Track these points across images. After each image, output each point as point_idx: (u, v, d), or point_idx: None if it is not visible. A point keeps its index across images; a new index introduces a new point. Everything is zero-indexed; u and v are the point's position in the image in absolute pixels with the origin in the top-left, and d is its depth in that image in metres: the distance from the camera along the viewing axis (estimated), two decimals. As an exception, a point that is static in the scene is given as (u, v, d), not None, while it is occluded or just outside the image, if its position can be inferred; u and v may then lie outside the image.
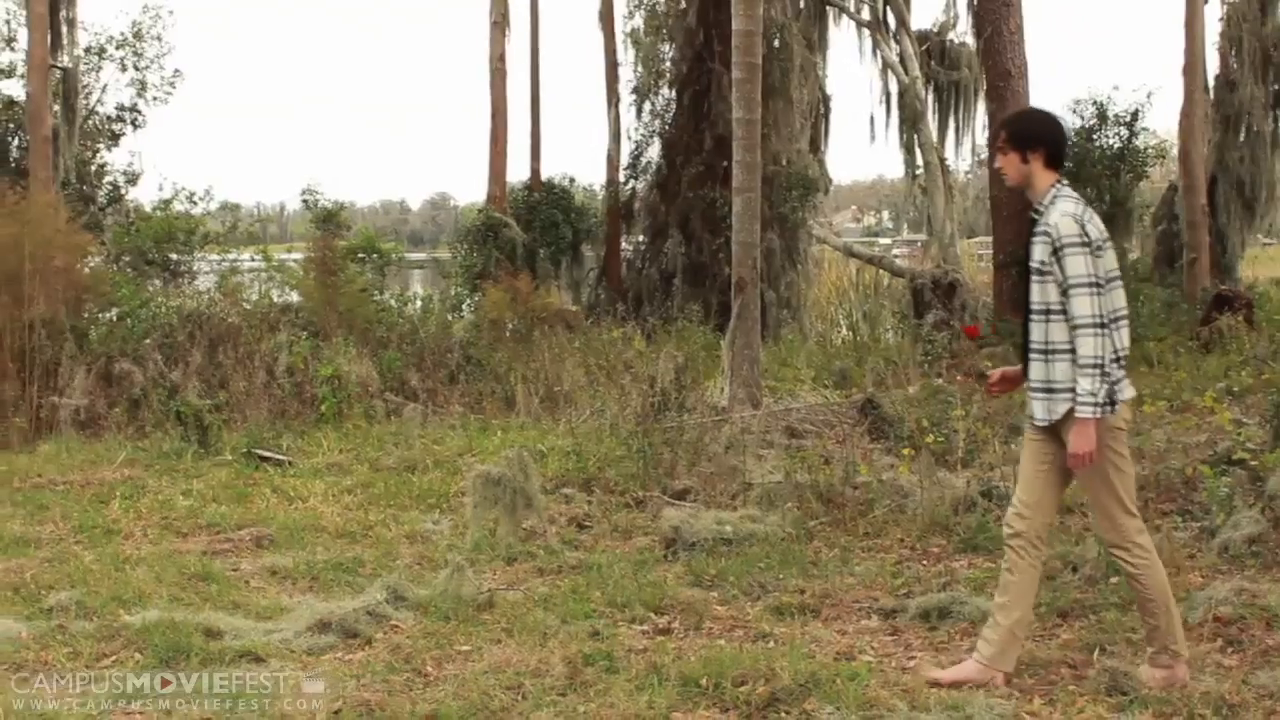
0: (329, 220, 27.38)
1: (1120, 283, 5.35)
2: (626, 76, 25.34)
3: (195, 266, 25.30)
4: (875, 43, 26.80)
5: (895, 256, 33.06)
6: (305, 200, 28.34)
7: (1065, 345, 5.25)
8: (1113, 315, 5.23)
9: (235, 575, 7.54)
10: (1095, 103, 17.05)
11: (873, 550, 7.89)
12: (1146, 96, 18.60)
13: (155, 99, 28.38)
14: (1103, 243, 5.26)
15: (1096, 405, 5.10)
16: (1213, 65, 23.07)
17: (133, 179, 28.18)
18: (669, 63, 24.48)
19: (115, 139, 28.14)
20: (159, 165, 56.05)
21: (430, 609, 6.63)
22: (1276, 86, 23.94)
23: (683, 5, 24.09)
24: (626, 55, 25.55)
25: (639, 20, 25.67)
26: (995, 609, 5.47)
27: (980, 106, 26.24)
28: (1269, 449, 8.40)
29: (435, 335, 15.92)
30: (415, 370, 14.77)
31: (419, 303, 19.07)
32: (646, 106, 24.86)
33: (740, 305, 12.42)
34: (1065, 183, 5.47)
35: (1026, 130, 5.51)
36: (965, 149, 27.81)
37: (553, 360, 15.16)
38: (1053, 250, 5.23)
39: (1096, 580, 6.68)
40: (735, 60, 12.83)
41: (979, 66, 23.46)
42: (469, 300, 21.36)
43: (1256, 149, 23.74)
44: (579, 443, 10.92)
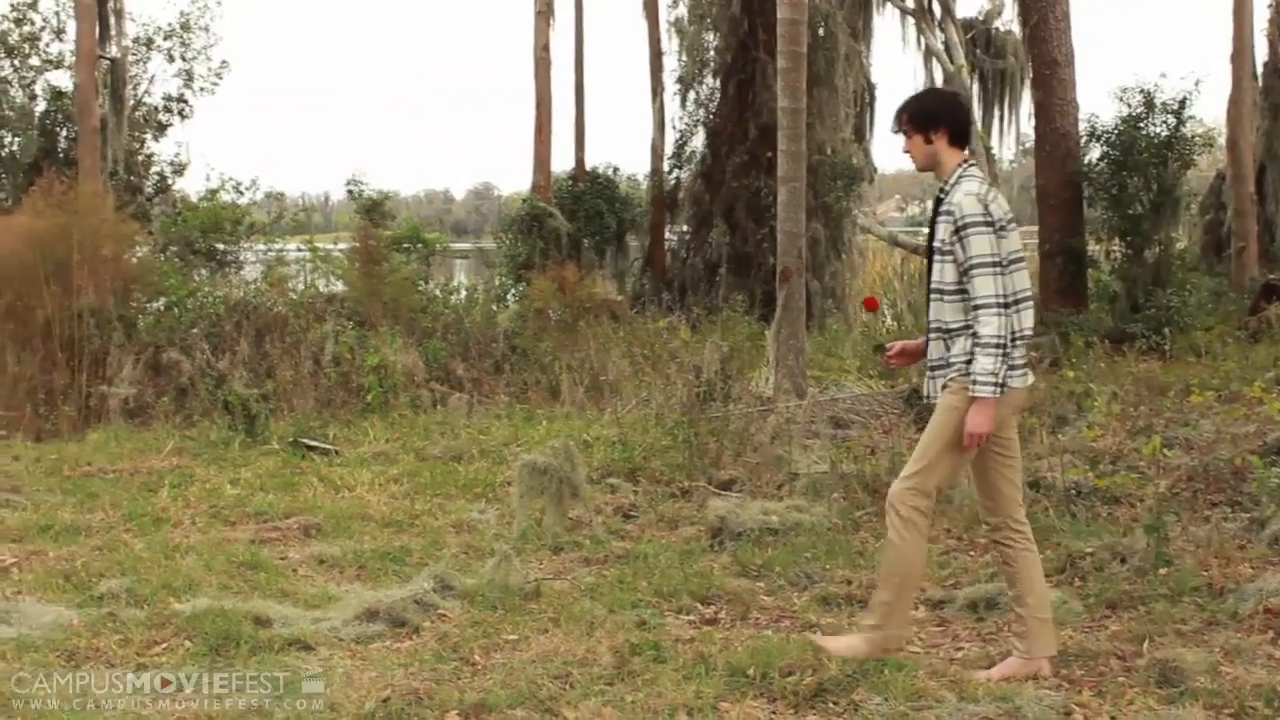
0: (374, 210, 27.43)
1: (1024, 264, 5.31)
2: (671, 66, 25.29)
3: (241, 256, 25.45)
4: (920, 31, 26.66)
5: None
6: (350, 190, 28.41)
7: (961, 325, 5.22)
8: (1015, 296, 5.20)
9: (283, 564, 7.58)
10: (1142, 90, 16.82)
11: (919, 541, 7.85)
12: (1194, 84, 18.32)
13: (202, 89, 28.59)
14: (1006, 223, 5.22)
15: (994, 385, 5.09)
16: (1261, 52, 22.82)
17: (179, 169, 28.38)
18: (713, 52, 24.38)
19: (162, 129, 28.31)
20: (205, 155, 56.02)
21: (477, 598, 6.65)
22: (1327, 74, 23.67)
23: (727, -7, 24.02)
24: (671, 44, 25.49)
25: (683, 9, 25.57)
26: (1012, 603, 5.49)
27: (1026, 95, 26.06)
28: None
29: (480, 325, 15.95)
30: (460, 360, 14.80)
31: (463, 292, 19.12)
32: (691, 96, 24.78)
33: (785, 295, 12.41)
34: (973, 162, 5.42)
35: (927, 111, 5.48)
36: (1010, 138, 27.64)
37: (598, 350, 15.16)
38: (955, 230, 5.19)
39: (1145, 571, 6.62)
40: (780, 49, 12.79)
41: (1025, 54, 23.32)
42: (514, 290, 21.37)
43: (1306, 136, 23.47)
44: (624, 432, 10.93)
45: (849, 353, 16.33)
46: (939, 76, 26.38)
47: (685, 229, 24.93)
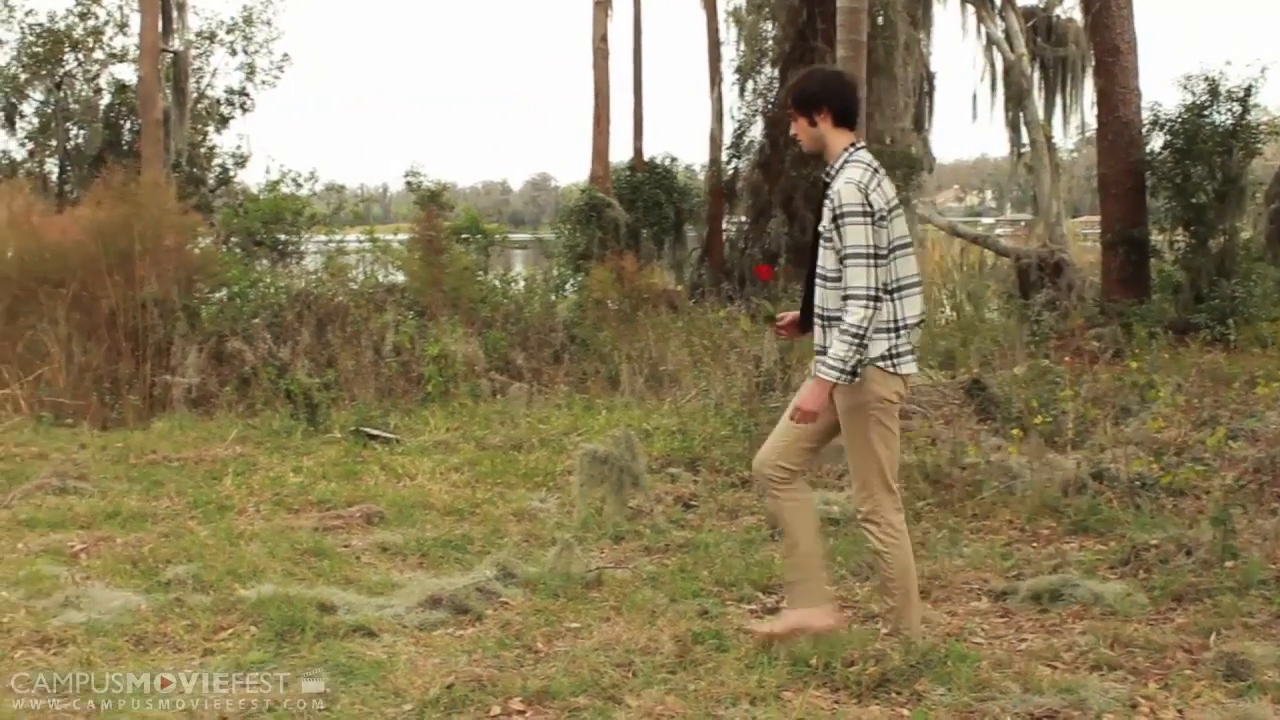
0: (432, 201, 27.53)
1: (912, 250, 5.28)
2: (729, 56, 25.16)
3: (302, 247, 25.61)
4: (980, 19, 26.42)
5: (999, 236, 32.61)
6: (409, 181, 28.53)
7: (839, 313, 5.18)
8: (900, 283, 5.17)
9: (346, 551, 7.64)
10: (1207, 78, 16.64)
11: (981, 532, 7.82)
12: (1260, 72, 18.02)
13: (264, 83, 28.81)
14: (888, 211, 5.15)
15: (841, 372, 5.10)
16: (1330, 39, 22.52)
17: (241, 161, 28.64)
18: (771, 41, 24.30)
19: (224, 122, 28.57)
20: (266, 147, 56.48)
21: (539, 586, 6.68)
22: (1395, 60, 23.30)
23: (785, -17, 23.93)
24: (729, 34, 25.36)
25: (741, -1, 25.53)
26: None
27: (1088, 83, 25.76)
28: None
29: (539, 315, 15.99)
30: (520, 349, 14.85)
31: (522, 283, 19.15)
32: (749, 85, 24.69)
33: (845, 284, 12.33)
34: (861, 145, 5.34)
35: (808, 92, 5.38)
36: (1072, 126, 27.36)
37: (657, 340, 15.16)
38: (832, 218, 5.14)
39: (1211, 564, 6.55)
40: (839, 38, 12.70)
41: (1086, 42, 23.04)
42: (572, 280, 21.39)
43: (1373, 124, 23.13)
44: (684, 422, 10.93)
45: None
46: (999, 65, 26.17)
47: (743, 219, 24.86)
